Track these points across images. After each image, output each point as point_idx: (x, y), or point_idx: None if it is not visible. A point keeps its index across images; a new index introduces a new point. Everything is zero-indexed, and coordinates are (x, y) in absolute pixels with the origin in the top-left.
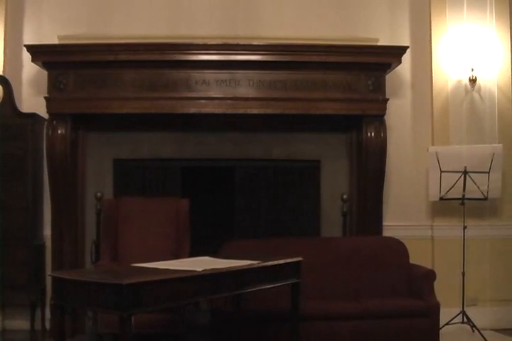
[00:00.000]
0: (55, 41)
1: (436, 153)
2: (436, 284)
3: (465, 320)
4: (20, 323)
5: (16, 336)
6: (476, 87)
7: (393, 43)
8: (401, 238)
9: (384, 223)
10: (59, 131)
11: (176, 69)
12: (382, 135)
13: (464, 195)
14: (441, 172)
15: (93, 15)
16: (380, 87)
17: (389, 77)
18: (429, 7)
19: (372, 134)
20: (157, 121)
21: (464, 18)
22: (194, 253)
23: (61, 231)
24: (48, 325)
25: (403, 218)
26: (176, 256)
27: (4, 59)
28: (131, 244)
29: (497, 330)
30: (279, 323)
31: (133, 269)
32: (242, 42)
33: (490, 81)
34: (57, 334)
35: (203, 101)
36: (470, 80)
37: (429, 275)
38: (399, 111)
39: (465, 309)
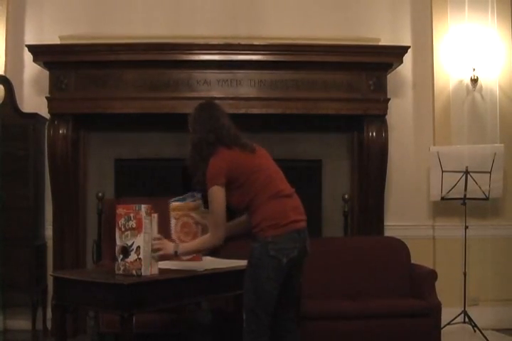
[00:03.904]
0: (57, 41)
1: (438, 152)
2: (437, 284)
3: (466, 319)
4: (21, 323)
5: (18, 336)
6: (477, 86)
7: (394, 43)
8: (402, 238)
9: (385, 223)
10: (60, 131)
11: (177, 69)
12: (383, 135)
13: (465, 195)
14: (442, 172)
15: (94, 15)
16: (381, 86)
17: (390, 77)
18: (431, 7)
19: (374, 134)
20: (158, 121)
21: (466, 17)
22: None
23: (62, 231)
24: (49, 325)
25: (404, 218)
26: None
27: (6, 59)
28: None
29: (498, 330)
30: None
31: None
32: (243, 42)
33: (491, 81)
34: (59, 334)
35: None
36: (471, 80)
37: (431, 275)
38: (400, 111)
39: (466, 309)
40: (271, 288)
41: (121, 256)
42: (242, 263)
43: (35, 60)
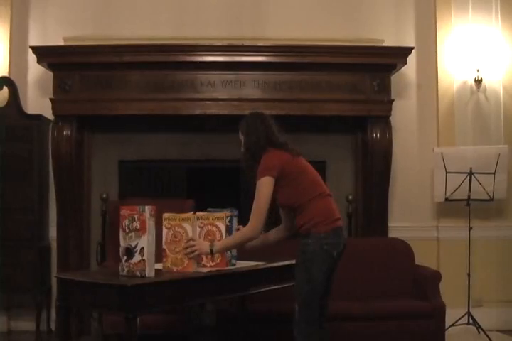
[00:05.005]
0: (61, 42)
1: (442, 153)
2: (441, 285)
3: (471, 321)
4: (25, 324)
5: (22, 337)
6: (481, 87)
7: (398, 44)
8: (406, 239)
9: (389, 224)
10: (64, 133)
11: (181, 71)
12: (387, 136)
13: (469, 196)
14: (446, 173)
15: (98, 16)
16: (385, 87)
17: (394, 78)
18: (435, 8)
19: (378, 135)
20: (162, 122)
21: (469, 18)
22: None
23: (66, 233)
24: (53, 326)
25: (408, 219)
26: None
27: (10, 60)
28: None
29: (503, 331)
30: (284, 324)
31: None
32: (247, 43)
33: (495, 82)
34: (63, 335)
35: (208, 102)
36: (475, 81)
37: (435, 277)
38: (404, 112)
39: (471, 310)
40: (322, 280)
41: (125, 257)
42: (247, 264)
43: (39, 62)
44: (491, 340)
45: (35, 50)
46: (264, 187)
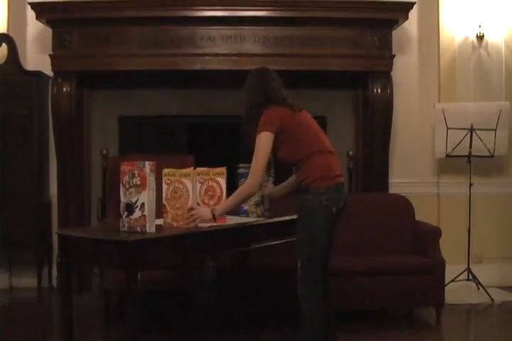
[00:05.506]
0: None
1: (443, 109)
2: (441, 241)
3: (470, 277)
4: (27, 281)
5: (24, 293)
6: (483, 43)
7: None
8: (407, 195)
9: (390, 180)
10: (64, 89)
11: (181, 26)
12: (388, 91)
13: (470, 152)
14: (447, 129)
15: None
16: (386, 43)
17: (395, 33)
18: None
19: (379, 91)
20: (162, 78)
21: None
22: None
23: (67, 189)
24: (54, 283)
25: (409, 175)
26: None
27: (8, 17)
28: None
29: (502, 288)
30: (284, 280)
31: None
32: None
33: (497, 38)
34: (64, 291)
35: (208, 57)
36: (477, 37)
37: (435, 233)
38: (405, 68)
39: (470, 266)
40: (323, 237)
41: (125, 213)
42: (247, 219)
43: (38, 18)
44: (490, 296)
45: (34, 6)
46: (263, 142)
